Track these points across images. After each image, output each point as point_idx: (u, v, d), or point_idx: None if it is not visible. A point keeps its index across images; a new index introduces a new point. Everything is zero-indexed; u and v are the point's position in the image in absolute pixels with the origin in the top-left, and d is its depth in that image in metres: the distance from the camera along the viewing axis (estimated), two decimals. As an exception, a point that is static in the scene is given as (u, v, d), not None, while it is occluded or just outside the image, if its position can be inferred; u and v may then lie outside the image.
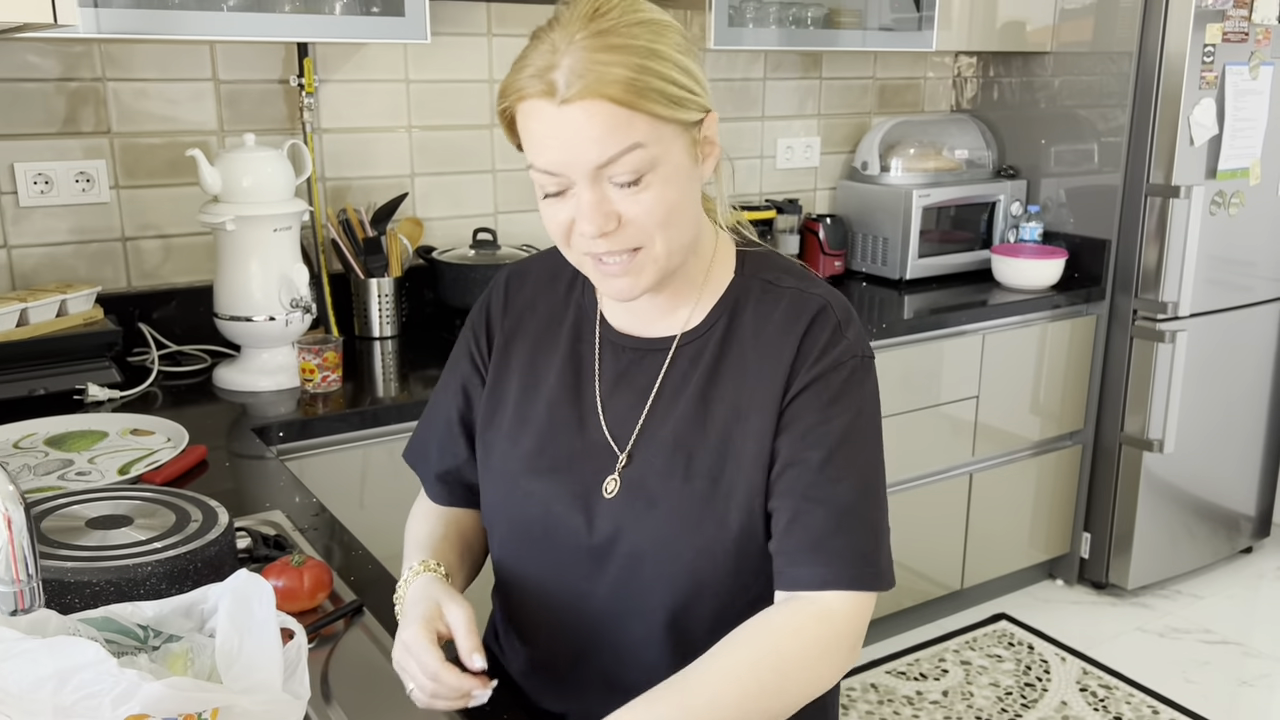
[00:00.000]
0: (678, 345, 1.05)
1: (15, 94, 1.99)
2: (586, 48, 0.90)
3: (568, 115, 0.91)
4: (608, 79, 0.89)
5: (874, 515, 1.00)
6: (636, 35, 0.91)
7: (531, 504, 1.07)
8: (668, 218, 0.96)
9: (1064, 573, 3.17)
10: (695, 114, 0.96)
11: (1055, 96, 3.01)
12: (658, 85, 0.91)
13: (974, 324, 2.71)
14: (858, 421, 1.00)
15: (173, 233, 2.18)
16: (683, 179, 0.96)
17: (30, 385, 1.82)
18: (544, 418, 1.08)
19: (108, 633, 0.97)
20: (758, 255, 1.08)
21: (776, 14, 2.66)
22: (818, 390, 1.00)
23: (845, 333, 1.02)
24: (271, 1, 1.96)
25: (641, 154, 0.92)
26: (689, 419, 1.03)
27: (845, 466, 0.99)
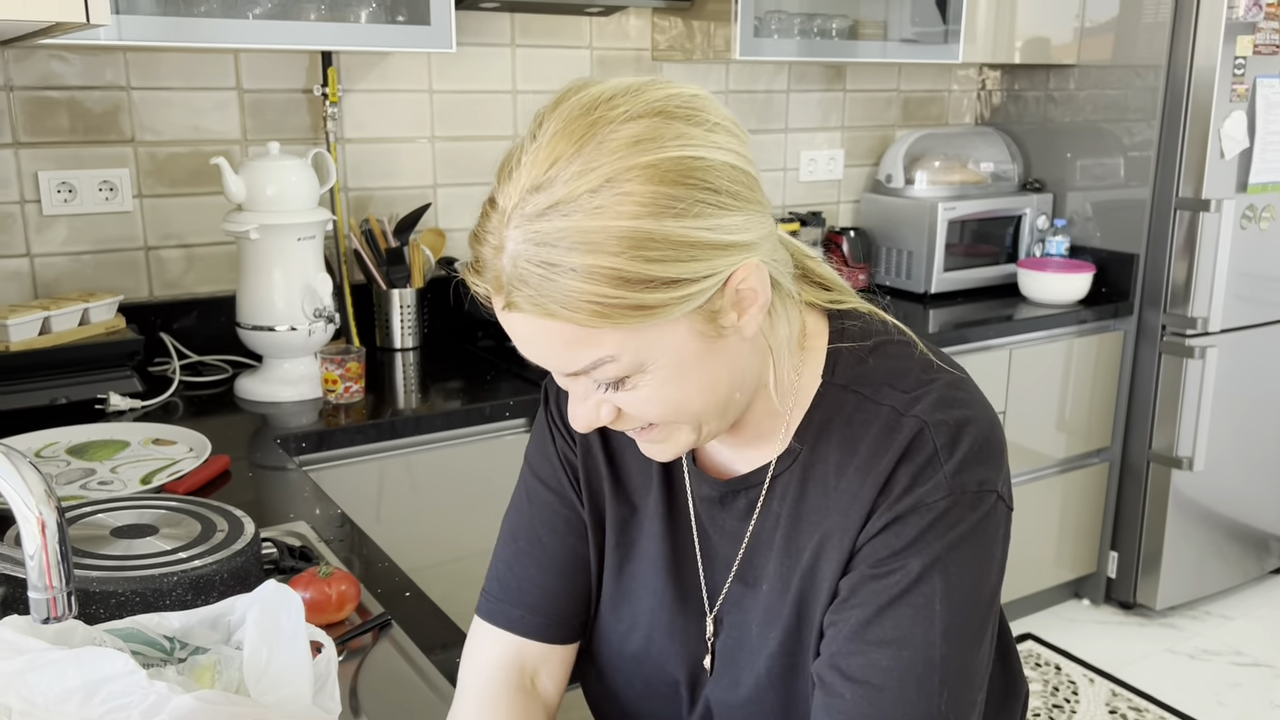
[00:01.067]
0: (773, 477, 0.85)
1: (40, 102, 1.98)
2: (525, 238, 0.69)
3: (516, 321, 0.72)
4: (552, 295, 0.68)
5: (939, 703, 0.76)
6: (597, 215, 0.68)
7: (648, 666, 0.94)
8: (672, 413, 0.77)
9: (1090, 592, 3.12)
10: (698, 300, 0.71)
11: (1081, 110, 2.98)
12: (623, 299, 0.68)
13: (1000, 339, 2.68)
14: (931, 574, 0.77)
15: (195, 242, 2.17)
16: (690, 367, 0.74)
17: (52, 394, 1.80)
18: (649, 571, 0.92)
19: (134, 644, 0.95)
20: (853, 354, 0.84)
21: (801, 26, 2.64)
22: (891, 534, 0.78)
23: (943, 464, 0.78)
24: (297, 10, 1.95)
25: (615, 366, 0.73)
26: (774, 581, 0.86)
27: (897, 630, 0.77)
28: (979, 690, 0.80)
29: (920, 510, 0.77)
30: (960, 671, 0.78)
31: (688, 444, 0.81)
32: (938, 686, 0.76)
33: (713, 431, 0.81)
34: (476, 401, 1.94)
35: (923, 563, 0.77)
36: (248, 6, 1.92)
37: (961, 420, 0.80)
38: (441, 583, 1.56)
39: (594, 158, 0.69)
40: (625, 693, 0.97)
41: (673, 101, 0.72)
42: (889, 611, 0.77)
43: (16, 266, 2.01)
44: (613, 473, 0.93)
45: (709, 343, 0.75)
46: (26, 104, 1.97)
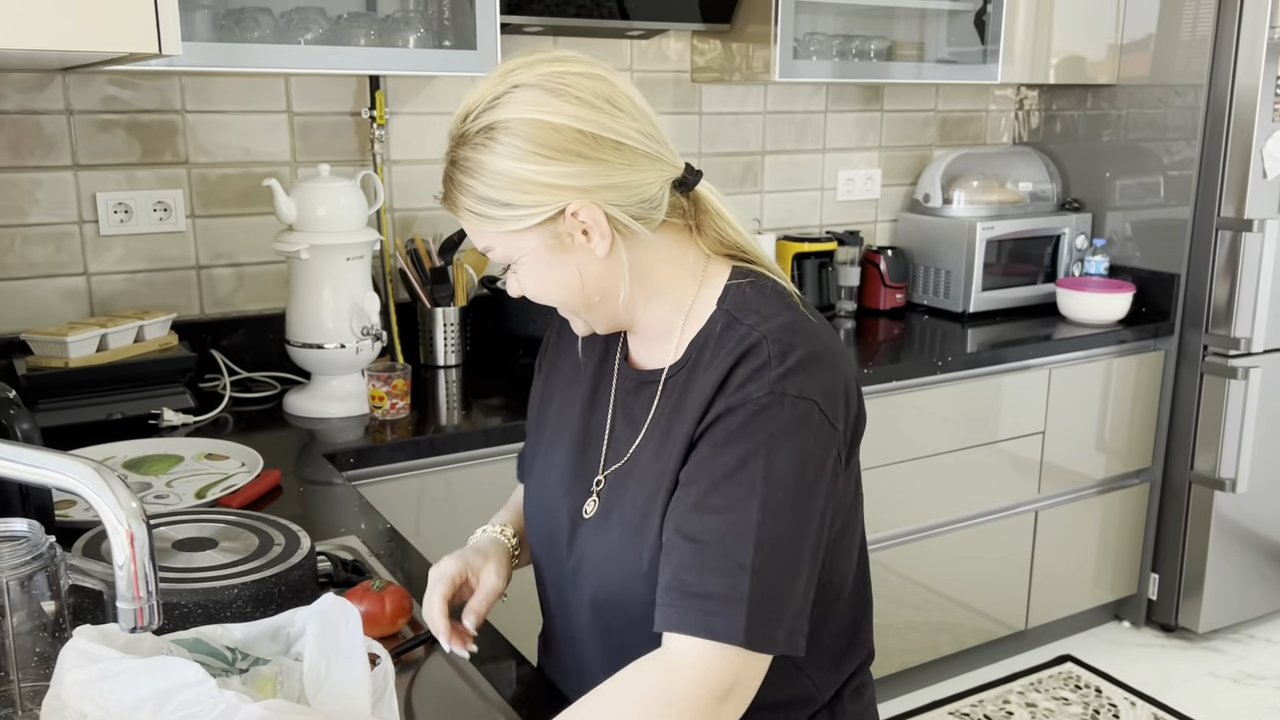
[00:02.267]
0: (665, 379, 1.07)
1: (97, 125, 2.04)
2: (449, 159, 1.02)
3: None
4: (454, 200, 1.02)
5: (755, 560, 0.91)
6: (476, 150, 0.98)
7: (546, 514, 1.15)
8: (547, 296, 1.05)
9: (1131, 614, 3.09)
10: (532, 221, 0.99)
11: (1119, 129, 2.98)
12: (484, 210, 0.99)
13: (1039, 358, 2.68)
14: (754, 458, 0.94)
15: (244, 261, 2.22)
16: (550, 267, 1.02)
17: (109, 409, 1.85)
18: (567, 438, 1.15)
19: (198, 654, 0.98)
20: (739, 290, 1.05)
21: (839, 47, 2.67)
22: (723, 423, 0.97)
23: (772, 368, 0.96)
24: (348, 35, 2.00)
25: (495, 254, 1.03)
26: (648, 449, 1.06)
27: (726, 501, 0.93)
28: (797, 567, 0.95)
29: (748, 405, 0.96)
30: (774, 539, 0.93)
31: (582, 327, 1.10)
32: (752, 546, 0.92)
33: (595, 322, 1.08)
34: (518, 419, 1.97)
35: (747, 448, 0.95)
36: (300, 32, 1.97)
37: (795, 340, 0.99)
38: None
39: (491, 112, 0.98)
40: (533, 537, 1.18)
41: (552, 79, 0.98)
42: (720, 485, 0.95)
43: (75, 285, 2.06)
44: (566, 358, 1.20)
45: (560, 253, 1.01)
46: (85, 127, 2.03)
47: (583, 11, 2.26)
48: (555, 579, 1.16)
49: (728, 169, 2.80)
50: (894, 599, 2.58)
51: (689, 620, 0.91)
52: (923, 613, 2.64)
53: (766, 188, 2.88)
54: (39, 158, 2.00)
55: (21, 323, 2.00)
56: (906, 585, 2.59)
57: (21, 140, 1.98)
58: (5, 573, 0.93)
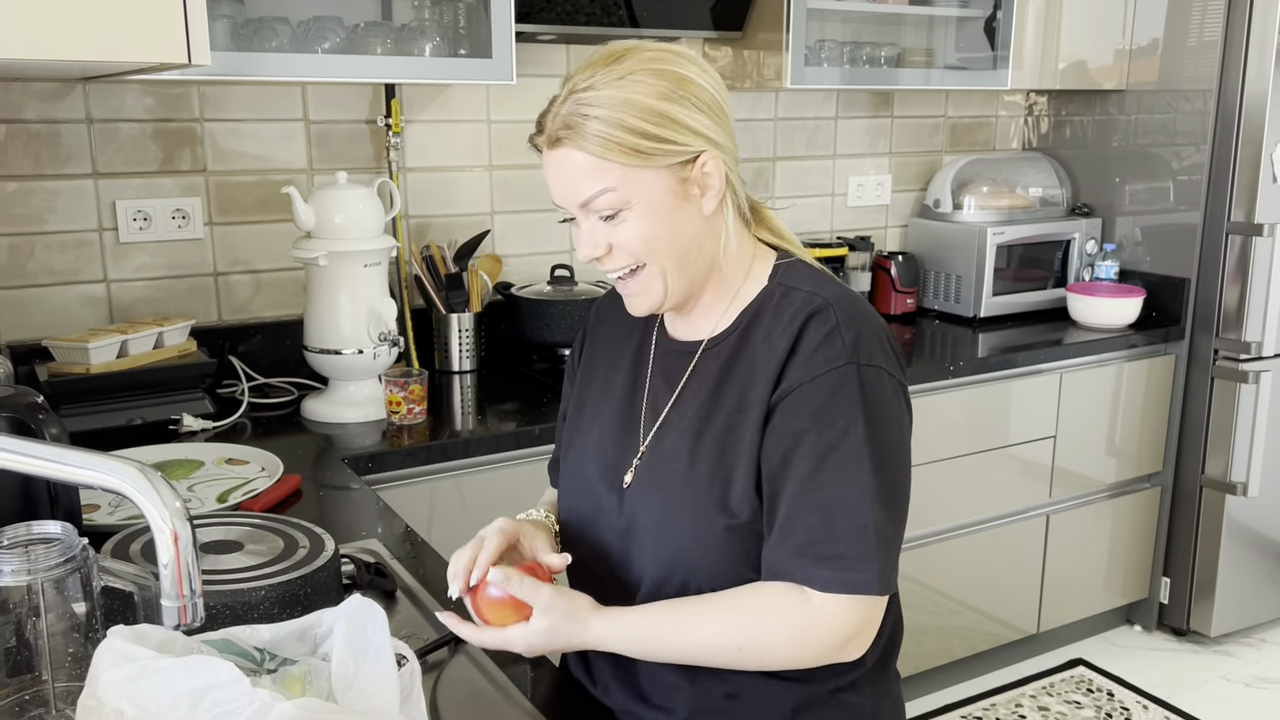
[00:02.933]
0: (704, 348, 1.14)
1: (118, 134, 2.06)
2: (573, 101, 1.03)
3: (552, 158, 1.06)
4: (582, 132, 1.02)
5: (863, 522, 1.02)
6: (624, 85, 1.02)
7: (587, 491, 1.18)
8: (649, 247, 1.06)
9: (1142, 618, 3.09)
10: (673, 159, 1.04)
11: (1129, 134, 2.99)
12: (628, 140, 1.02)
13: (1050, 363, 2.68)
14: (851, 431, 1.02)
15: (262, 268, 2.24)
16: (664, 215, 1.05)
17: (129, 415, 1.87)
18: (606, 416, 1.20)
19: (227, 654, 0.99)
20: (791, 266, 1.14)
21: (850, 54, 2.68)
22: (809, 393, 1.04)
23: (843, 335, 1.04)
24: (365, 44, 2.02)
25: (613, 196, 1.04)
26: (701, 411, 1.11)
27: (836, 475, 1.02)
28: (901, 514, 1.07)
29: (831, 373, 1.03)
30: (885, 496, 1.03)
31: (658, 295, 1.10)
32: (870, 507, 1.02)
33: (675, 289, 1.09)
34: (532, 424, 1.98)
35: (846, 417, 1.03)
36: (317, 41, 1.99)
37: (855, 311, 1.07)
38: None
39: (623, 64, 1.04)
40: (571, 521, 1.21)
41: (678, 50, 1.07)
42: (831, 458, 1.02)
43: (95, 292, 2.08)
44: (602, 355, 1.25)
45: (677, 201, 1.06)
46: (104, 136, 2.05)
47: (593, 20, 2.29)
48: (598, 558, 1.17)
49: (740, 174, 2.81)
50: (906, 603, 2.56)
51: (830, 580, 1.02)
52: (935, 617, 2.65)
53: (778, 193, 2.89)
54: (59, 166, 2.02)
55: (43, 329, 2.02)
56: (919, 590, 2.60)
57: (43, 149, 2.00)
58: (40, 574, 0.94)
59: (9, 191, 1.99)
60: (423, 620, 1.22)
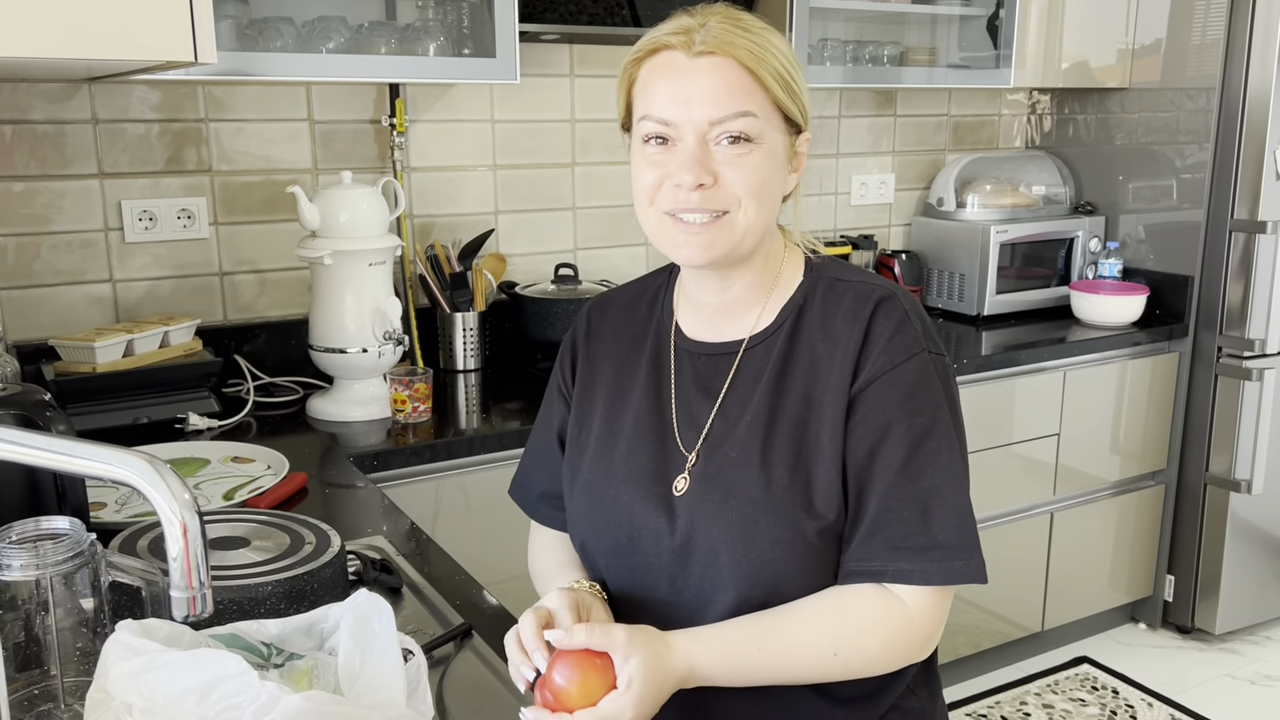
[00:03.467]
0: (746, 348, 1.09)
1: (123, 134, 2.07)
2: (724, 20, 1.02)
3: (699, 66, 1.00)
4: (740, 45, 1.00)
5: (960, 510, 1.01)
6: (765, 29, 1.03)
7: (618, 510, 1.10)
8: (759, 189, 1.02)
9: (1147, 616, 3.09)
10: (798, 118, 1.05)
11: (1132, 132, 2.99)
12: (778, 66, 1.01)
13: (1054, 360, 2.69)
14: (939, 417, 1.01)
15: (267, 267, 2.24)
16: (777, 165, 1.04)
17: (135, 414, 1.88)
18: (630, 429, 1.12)
19: (234, 649, 1.00)
20: (826, 260, 1.13)
21: (853, 52, 2.69)
22: (892, 382, 1.02)
23: (913, 324, 1.04)
24: (369, 44, 2.02)
25: (752, 121, 1.00)
26: (763, 412, 1.06)
27: (929, 463, 1.00)
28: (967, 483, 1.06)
29: (912, 360, 1.02)
30: (966, 476, 1.04)
31: (730, 241, 1.03)
32: (965, 493, 1.02)
33: (746, 242, 1.04)
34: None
35: (932, 405, 1.01)
36: (321, 41, 2.00)
37: (916, 301, 1.08)
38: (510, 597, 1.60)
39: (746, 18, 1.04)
40: (603, 546, 1.12)
41: None
42: (922, 447, 1.01)
43: (101, 291, 2.09)
44: (604, 362, 1.18)
45: (786, 160, 1.06)
46: (111, 136, 2.06)
47: (596, 19, 2.29)
48: (644, 582, 1.09)
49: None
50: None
51: (932, 572, 0.99)
52: (939, 615, 2.65)
53: (781, 192, 2.89)
54: (65, 167, 2.03)
55: (50, 329, 2.03)
56: (923, 587, 2.60)
57: (49, 150, 2.01)
58: (49, 569, 0.95)
59: (15, 192, 2.00)
60: (428, 616, 1.23)
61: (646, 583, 1.09)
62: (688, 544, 1.05)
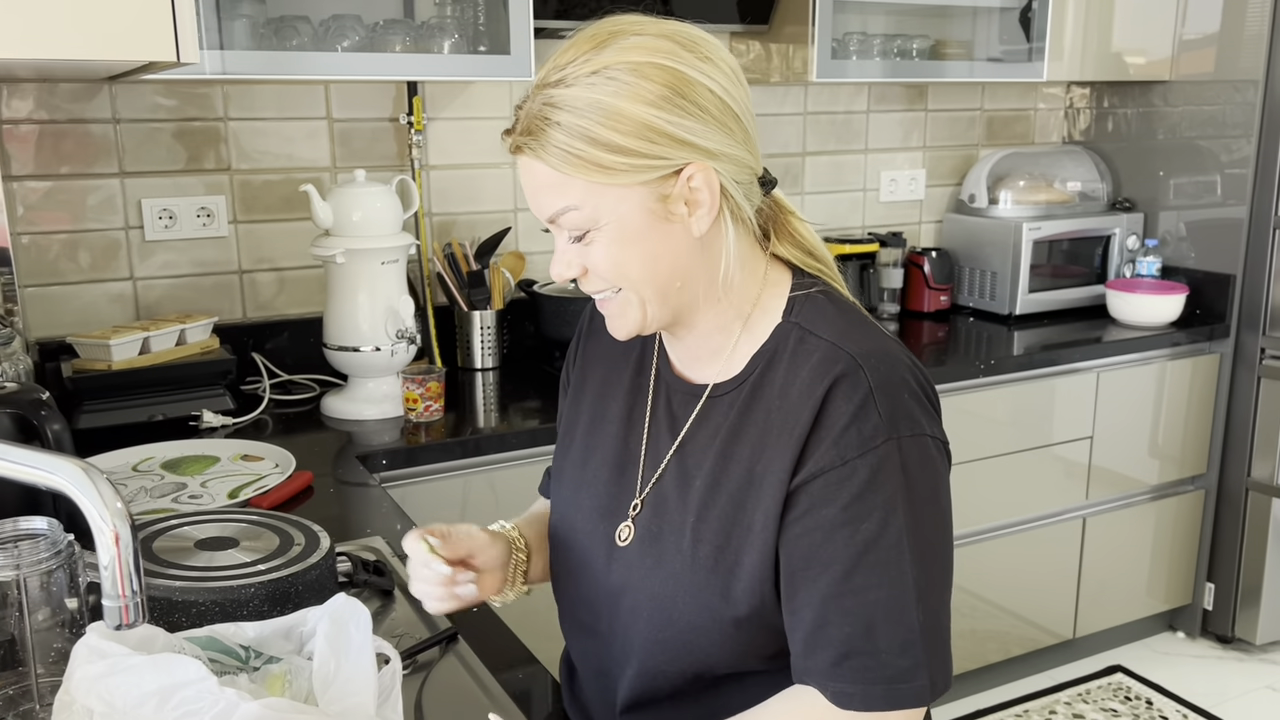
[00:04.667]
0: (709, 395, 1.00)
1: (143, 133, 2.09)
2: (539, 100, 0.89)
3: (520, 163, 0.93)
4: (543, 141, 0.89)
5: (909, 626, 0.89)
6: (597, 85, 0.87)
7: (576, 535, 1.09)
8: (620, 272, 0.92)
9: (1185, 625, 3.01)
10: (653, 174, 0.89)
11: (1174, 127, 2.91)
12: (591, 154, 0.87)
13: (1088, 361, 2.62)
14: (890, 523, 0.88)
15: (286, 266, 2.25)
16: (639, 238, 0.91)
17: (150, 411, 1.89)
18: (602, 448, 1.08)
19: (211, 651, 1.00)
20: (810, 299, 0.98)
21: (881, 46, 2.64)
22: (839, 479, 0.89)
23: (877, 405, 0.89)
24: (384, 42, 2.02)
25: (576, 215, 0.91)
26: (707, 477, 0.97)
27: (875, 575, 0.88)
28: (947, 597, 0.94)
29: (867, 456, 0.88)
30: (930, 587, 0.90)
31: (635, 322, 0.96)
32: (916, 607, 0.89)
33: (656, 317, 0.96)
34: (553, 421, 1.97)
35: (885, 508, 0.88)
36: (337, 39, 2.00)
37: (888, 367, 0.92)
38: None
39: (602, 54, 0.88)
40: (559, 561, 1.11)
41: (679, 33, 0.91)
42: (869, 556, 0.88)
43: (121, 289, 2.11)
44: (595, 371, 1.12)
45: (656, 222, 0.91)
46: (132, 135, 2.08)
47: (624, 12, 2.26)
48: (588, 604, 1.08)
49: (768, 171, 2.78)
50: (936, 606, 2.54)
51: (875, 696, 0.89)
52: (969, 619, 2.60)
53: (807, 189, 2.85)
54: (87, 166, 2.05)
55: (72, 326, 2.05)
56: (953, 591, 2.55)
57: (71, 149, 2.03)
58: (23, 569, 0.95)
59: (39, 191, 2.02)
60: (418, 620, 1.22)
61: (587, 607, 1.09)
62: (618, 598, 1.03)
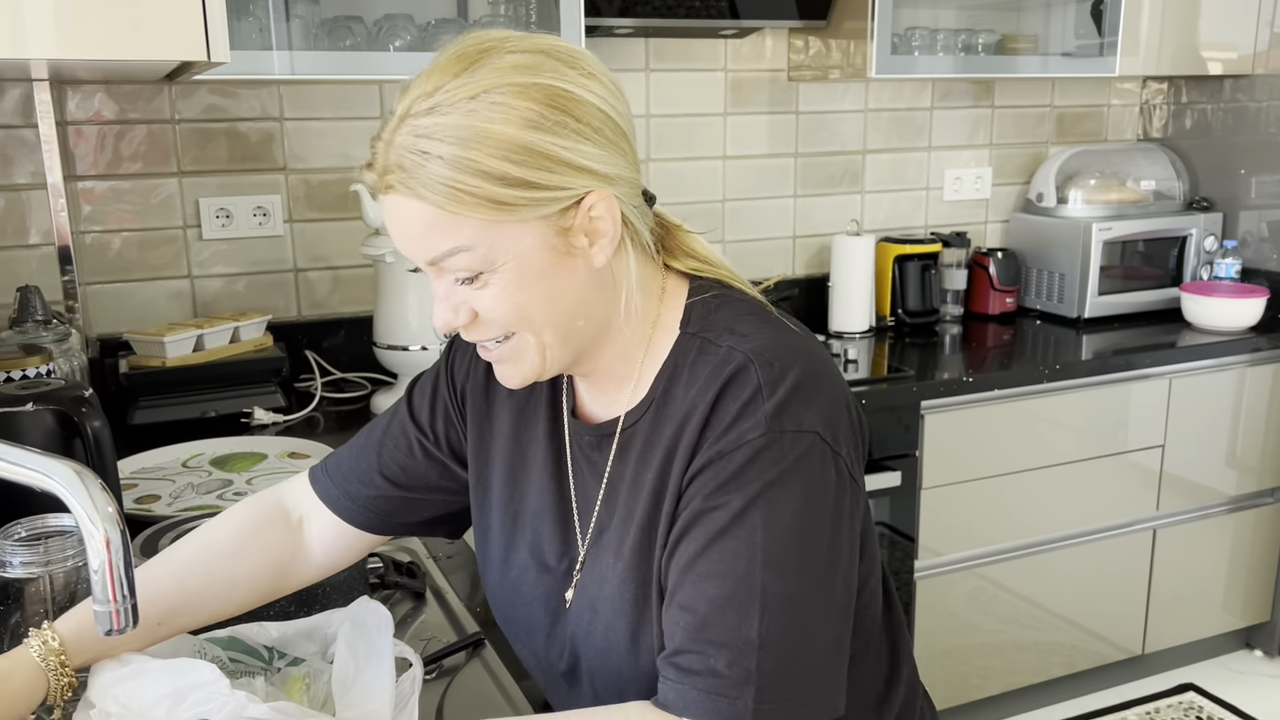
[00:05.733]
0: (622, 429, 0.91)
1: (201, 134, 2.12)
2: (409, 131, 0.78)
3: (389, 203, 0.80)
4: (420, 178, 0.77)
5: (762, 630, 0.78)
6: (470, 115, 0.77)
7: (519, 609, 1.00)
8: (520, 315, 0.83)
9: (1263, 643, 2.88)
10: (551, 206, 0.80)
11: (1258, 123, 2.78)
12: (480, 188, 0.77)
13: (1160, 367, 2.51)
14: (752, 509, 0.80)
15: (340, 264, 2.27)
16: (538, 276, 0.81)
17: (203, 407, 1.92)
18: (532, 504, 0.98)
19: (233, 652, 0.99)
20: (706, 305, 0.90)
21: (944, 41, 2.57)
22: (715, 470, 0.82)
23: (764, 399, 0.81)
24: (436, 42, 2.02)
25: (467, 257, 0.79)
26: (622, 514, 0.90)
27: (724, 563, 0.80)
28: (813, 619, 0.81)
29: (742, 447, 0.81)
30: (784, 600, 0.79)
31: (533, 368, 0.87)
32: (758, 613, 0.79)
33: (557, 359, 0.87)
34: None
35: (744, 498, 0.80)
36: (390, 39, 2.01)
37: (784, 361, 0.83)
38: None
39: (476, 75, 0.78)
40: (507, 628, 1.03)
41: (557, 48, 0.82)
42: (715, 545, 0.81)
43: (179, 287, 2.15)
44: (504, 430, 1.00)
45: (557, 258, 0.82)
46: (189, 135, 2.11)
47: (692, 12, 2.23)
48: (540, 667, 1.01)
49: (826, 169, 2.73)
50: (1002, 616, 2.47)
51: (690, 701, 0.80)
52: (1032, 632, 2.52)
53: (867, 188, 2.79)
54: (148, 165, 2.09)
55: (132, 323, 2.09)
56: (1016, 602, 2.48)
57: (133, 149, 2.07)
58: (52, 566, 0.96)
59: (101, 190, 2.07)
60: (446, 624, 1.21)
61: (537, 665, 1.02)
62: (573, 666, 0.96)
